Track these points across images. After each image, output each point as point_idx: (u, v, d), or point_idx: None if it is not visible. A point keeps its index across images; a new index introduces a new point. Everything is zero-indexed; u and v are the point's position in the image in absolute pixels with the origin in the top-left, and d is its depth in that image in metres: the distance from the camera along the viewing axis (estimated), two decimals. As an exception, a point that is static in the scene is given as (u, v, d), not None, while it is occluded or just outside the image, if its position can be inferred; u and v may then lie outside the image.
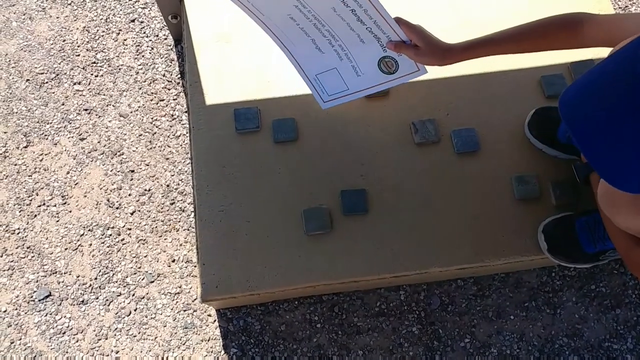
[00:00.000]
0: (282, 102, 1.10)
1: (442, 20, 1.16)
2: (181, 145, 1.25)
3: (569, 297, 1.12)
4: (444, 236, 1.00)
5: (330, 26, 0.86)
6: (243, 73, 1.12)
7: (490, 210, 1.02)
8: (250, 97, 1.10)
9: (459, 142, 1.06)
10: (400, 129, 1.08)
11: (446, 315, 1.10)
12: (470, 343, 1.09)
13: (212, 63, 1.13)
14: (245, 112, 1.08)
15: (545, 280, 1.13)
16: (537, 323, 1.10)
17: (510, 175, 1.04)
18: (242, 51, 1.14)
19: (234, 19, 1.17)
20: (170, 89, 1.30)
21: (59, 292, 1.14)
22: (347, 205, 1.01)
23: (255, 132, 1.07)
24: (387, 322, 1.10)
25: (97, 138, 1.26)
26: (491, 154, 1.06)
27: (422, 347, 1.08)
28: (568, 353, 1.08)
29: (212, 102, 1.10)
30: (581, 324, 1.10)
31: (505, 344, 1.09)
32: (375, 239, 1.00)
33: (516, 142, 1.07)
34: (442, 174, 1.05)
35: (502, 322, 1.10)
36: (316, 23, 0.86)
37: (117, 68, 1.33)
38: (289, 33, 0.91)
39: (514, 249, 1.00)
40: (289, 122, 1.07)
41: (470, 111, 1.10)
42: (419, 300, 1.11)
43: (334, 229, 1.00)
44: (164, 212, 1.19)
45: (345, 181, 1.04)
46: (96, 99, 1.30)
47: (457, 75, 1.12)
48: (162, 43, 1.34)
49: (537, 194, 1.02)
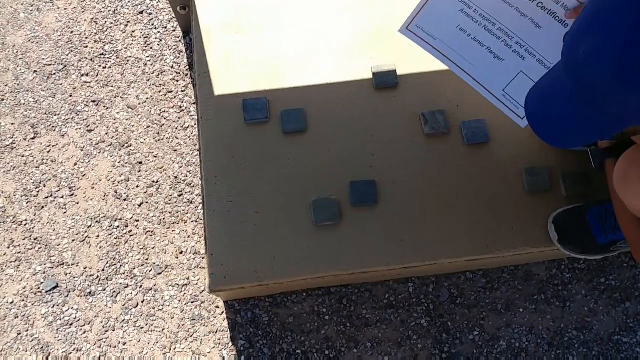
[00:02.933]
0: (291, 92, 1.10)
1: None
2: (189, 137, 1.24)
3: (578, 290, 1.11)
4: (453, 227, 1.00)
5: (501, 21, 0.82)
6: (252, 63, 1.12)
7: (501, 202, 1.02)
8: (259, 87, 1.10)
9: (469, 134, 1.05)
10: (410, 120, 1.07)
11: (455, 307, 1.10)
12: (479, 336, 1.08)
13: (221, 53, 1.13)
14: (254, 103, 1.08)
15: (554, 273, 1.12)
16: (547, 316, 1.09)
17: (521, 167, 1.03)
18: (251, 41, 1.14)
19: (243, 9, 1.17)
20: (179, 80, 1.29)
21: (66, 284, 1.14)
22: (356, 196, 1.01)
23: (264, 123, 1.07)
24: (396, 315, 1.09)
25: (105, 130, 1.26)
26: (501, 145, 1.05)
27: (431, 340, 1.08)
28: (577, 346, 1.08)
29: (221, 92, 1.10)
30: (591, 317, 1.10)
31: (515, 337, 1.08)
32: (384, 229, 1.00)
33: (526, 133, 1.06)
34: (451, 166, 1.04)
35: (512, 314, 1.09)
36: (486, 24, 0.83)
37: (125, 60, 1.32)
38: (464, 51, 0.88)
39: (524, 240, 0.99)
40: (298, 112, 1.07)
41: (480, 102, 1.08)
42: (427, 293, 1.10)
43: (343, 220, 1.00)
44: (172, 204, 1.19)
45: (355, 172, 1.03)
46: (104, 91, 1.30)
47: (466, 66, 1.11)
48: (170, 35, 1.34)
49: (547, 186, 1.01)
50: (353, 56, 1.13)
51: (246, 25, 1.15)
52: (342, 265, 0.98)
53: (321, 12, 1.17)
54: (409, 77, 1.11)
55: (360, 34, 1.15)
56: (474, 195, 1.02)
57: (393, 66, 1.10)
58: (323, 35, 1.15)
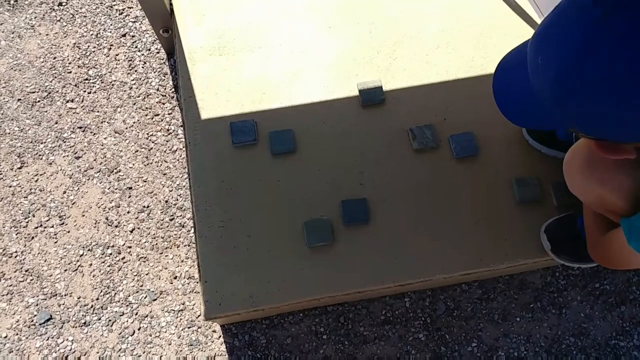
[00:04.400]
0: (279, 113, 1.09)
1: (442, 22, 1.17)
2: (178, 160, 1.24)
3: (573, 296, 1.12)
4: (447, 242, 1.00)
5: None
6: (238, 86, 1.12)
7: (493, 214, 1.02)
8: (246, 109, 1.10)
9: (458, 147, 1.05)
10: (398, 136, 1.07)
11: (452, 320, 1.10)
12: (477, 347, 1.08)
13: (206, 77, 1.12)
14: (242, 125, 1.07)
15: (549, 280, 1.12)
16: (544, 324, 1.10)
17: (511, 178, 1.03)
18: (235, 63, 1.13)
19: (226, 31, 1.16)
20: (165, 103, 1.29)
21: (60, 315, 1.13)
22: (348, 215, 1.01)
23: (252, 145, 1.06)
24: (394, 330, 1.09)
25: (93, 156, 1.25)
26: (490, 157, 1.06)
27: (430, 354, 1.08)
28: (575, 352, 1.08)
29: (208, 116, 1.09)
30: (587, 322, 1.10)
31: (513, 347, 1.08)
32: (377, 247, 0.99)
33: (514, 144, 1.07)
34: (442, 180, 1.04)
35: (509, 324, 1.10)
36: None
37: (110, 84, 1.31)
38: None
39: (517, 251, 1.00)
40: (287, 133, 1.07)
41: (467, 115, 1.09)
42: (424, 307, 1.11)
43: (336, 240, 1.00)
44: (164, 229, 1.18)
45: (345, 191, 1.03)
46: (90, 116, 1.29)
47: (452, 79, 1.11)
48: (154, 57, 1.33)
49: (538, 196, 1.02)
50: (338, 75, 1.12)
51: (230, 48, 1.15)
52: (337, 287, 0.97)
53: (305, 32, 1.17)
54: (395, 93, 1.10)
55: (344, 52, 1.15)
56: (465, 208, 1.02)
57: (378, 82, 1.10)
58: (308, 55, 1.14)
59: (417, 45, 1.15)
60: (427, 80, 1.12)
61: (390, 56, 1.14)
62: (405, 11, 1.18)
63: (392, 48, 1.15)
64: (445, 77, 1.12)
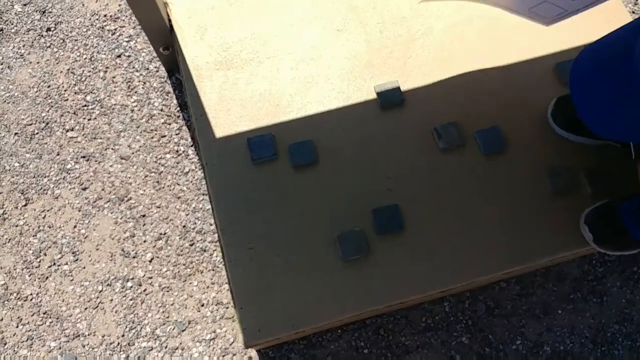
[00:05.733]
0: (296, 124, 1.05)
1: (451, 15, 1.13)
2: (191, 182, 1.19)
3: (612, 282, 1.09)
4: (484, 241, 0.97)
5: None
6: (250, 99, 1.07)
7: (527, 208, 0.99)
8: (261, 123, 1.05)
9: (485, 143, 1.02)
10: (422, 137, 1.04)
11: (493, 319, 1.07)
12: (522, 344, 1.06)
13: (216, 93, 1.07)
14: (259, 140, 1.03)
15: (586, 269, 1.10)
16: (586, 314, 1.08)
17: (542, 170, 1.01)
18: (245, 77, 1.09)
19: (231, 44, 1.11)
20: (171, 123, 1.23)
21: (86, 356, 1.07)
22: (381, 223, 0.97)
23: (272, 160, 1.02)
24: (436, 337, 1.06)
25: (101, 185, 1.19)
26: (518, 150, 1.03)
27: (475, 356, 1.05)
28: (621, 339, 1.06)
29: (222, 134, 1.04)
30: (629, 308, 1.08)
31: (557, 340, 1.06)
32: (414, 254, 0.96)
33: (541, 135, 1.04)
34: (472, 178, 1.01)
35: (550, 318, 1.07)
36: None
37: (110, 108, 1.26)
38: None
39: (557, 244, 0.97)
40: (307, 144, 1.02)
41: (490, 108, 1.06)
42: (464, 310, 1.07)
43: (371, 251, 0.96)
44: (185, 255, 1.13)
45: (374, 198, 0.99)
46: (93, 144, 1.23)
47: (471, 70, 1.08)
48: (154, 76, 1.28)
49: (571, 185, 0.99)
50: (353, 79, 1.09)
51: (237, 61, 1.10)
52: (378, 300, 0.94)
53: (312, 38, 1.13)
54: (414, 92, 1.07)
55: (356, 55, 1.11)
56: (499, 205, 0.99)
57: (396, 83, 1.06)
58: (318, 62, 1.10)
59: (430, 42, 1.12)
60: (444, 75, 1.09)
61: (404, 55, 1.10)
62: (414, 8, 1.15)
63: (405, 46, 1.11)
64: (462, 70, 1.09)
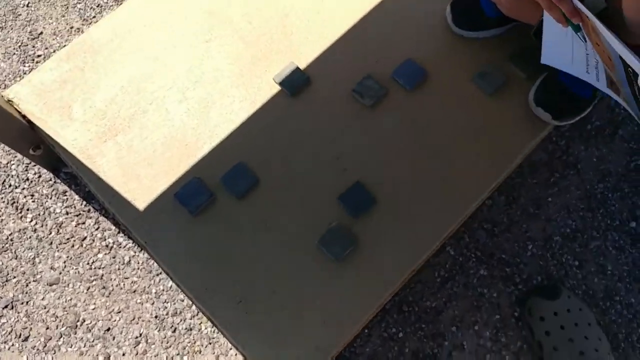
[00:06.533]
0: (216, 154, 0.94)
1: None
2: (139, 269, 1.04)
3: (577, 148, 1.09)
4: (458, 173, 0.92)
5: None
6: (155, 154, 0.94)
7: (478, 119, 0.95)
8: (180, 171, 0.93)
9: (406, 80, 0.96)
10: (346, 103, 0.96)
11: (498, 239, 1.03)
12: (534, 247, 1.03)
13: (116, 166, 0.94)
14: (187, 190, 0.91)
15: (550, 149, 1.09)
16: (571, 188, 1.07)
17: (470, 78, 0.97)
18: (137, 134, 0.96)
19: (106, 108, 0.97)
20: (84, 221, 1.07)
21: None
22: (353, 207, 0.89)
23: (212, 203, 0.91)
24: (456, 284, 1.00)
25: (43, 325, 1.02)
26: (439, 70, 0.98)
27: (499, 281, 1.01)
28: (611, 195, 1.06)
29: (145, 203, 0.91)
30: (602, 163, 1.09)
31: (561, 226, 1.04)
32: (402, 220, 0.89)
33: (453, 45, 1.00)
34: (414, 120, 0.95)
35: (545, 209, 1.05)
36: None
37: (8, 240, 1.07)
38: None
39: (523, 138, 0.94)
40: (239, 168, 0.92)
41: (392, 45, 1.01)
42: (467, 245, 1.03)
43: (358, 237, 0.88)
44: (174, 345, 0.99)
45: (335, 185, 0.91)
46: (9, 288, 1.04)
47: (355, 20, 1.02)
48: (39, 183, 1.10)
49: (504, 78, 0.96)
50: (248, 81, 0.99)
51: (120, 122, 0.97)
52: (392, 279, 0.86)
53: (186, 60, 1.01)
54: (314, 65, 0.99)
55: (239, 56, 1.01)
56: (451, 130, 0.95)
57: (293, 65, 0.98)
58: (205, 81, 0.99)
59: (303, 11, 1.04)
60: (334, 37, 1.02)
61: (285, 34, 1.02)
62: (268, -15, 1.06)
63: (281, 26, 1.03)
64: (347, 23, 1.02)
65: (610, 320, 0.98)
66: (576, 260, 1.02)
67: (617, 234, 1.04)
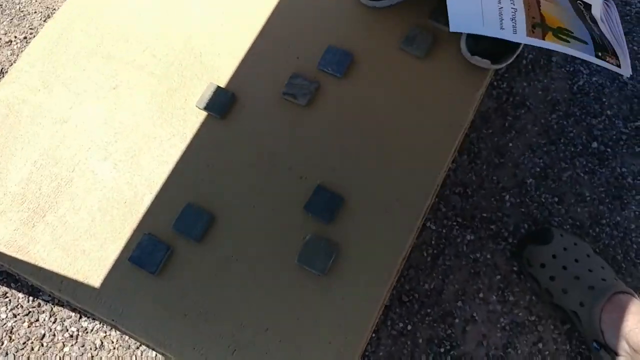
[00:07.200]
0: (161, 203, 0.85)
1: None
2: (114, 348, 0.94)
3: (521, 87, 1.07)
4: (416, 147, 0.87)
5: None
6: (93, 223, 0.84)
7: (420, 88, 0.91)
8: (127, 233, 0.84)
9: (335, 68, 0.91)
10: (281, 108, 0.90)
11: (473, 199, 1.00)
12: (509, 195, 1.00)
13: (54, 247, 0.83)
14: (141, 250, 0.82)
15: (495, 94, 1.07)
16: (527, 126, 1.04)
17: (398, 45, 0.93)
18: (67, 207, 0.85)
19: (22, 189, 0.87)
20: (37, 318, 0.96)
21: None
22: (324, 213, 0.82)
23: (171, 256, 0.82)
24: (448, 259, 0.96)
25: None
26: (363, 48, 0.93)
27: (489, 241, 0.97)
28: (566, 123, 1.05)
29: (100, 279, 0.81)
30: (548, 94, 1.07)
31: (530, 166, 1.02)
32: (377, 214, 0.83)
33: (367, 19, 0.96)
34: (355, 105, 0.90)
35: (509, 154, 1.02)
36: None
37: (-42, 367, 0.95)
38: None
39: (468, 93, 0.90)
40: (189, 212, 0.83)
41: (307, 37, 0.95)
42: (446, 214, 0.98)
43: (337, 244, 0.82)
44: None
45: (298, 196, 0.84)
46: (-24, 417, 0.92)
47: (262, 22, 0.96)
48: (-26, 294, 0.98)
49: (431, 38, 0.93)
50: (171, 116, 0.90)
51: (44, 199, 0.86)
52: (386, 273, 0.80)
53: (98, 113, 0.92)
54: (235, 81, 0.92)
55: (153, 92, 0.92)
56: (397, 106, 0.90)
57: (212, 86, 0.90)
58: (126, 129, 0.90)
59: (206, 28, 0.97)
60: (246, 44, 0.95)
61: (193, 57, 0.94)
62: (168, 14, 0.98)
63: (186, 50, 0.95)
64: (258, 25, 0.96)
65: (605, 245, 0.96)
66: (554, 196, 0.99)
67: (584, 158, 1.02)
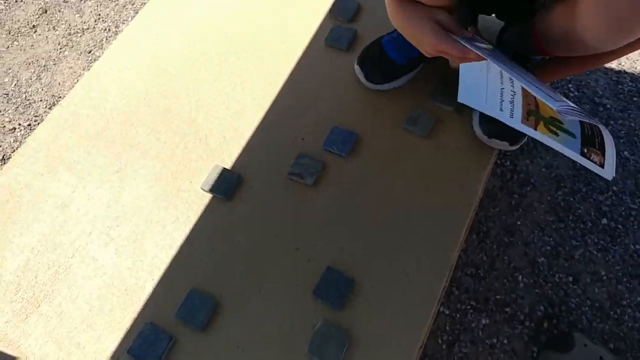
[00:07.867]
0: (163, 291, 0.81)
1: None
2: None
3: (524, 164, 1.08)
4: (426, 228, 0.85)
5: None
6: (92, 312, 0.80)
7: (426, 168, 0.90)
8: (127, 323, 0.79)
9: (340, 147, 0.91)
10: (288, 188, 0.88)
11: (486, 281, 0.96)
12: (523, 276, 0.97)
13: (48, 341, 0.78)
14: (143, 341, 0.77)
15: (499, 172, 1.06)
16: (534, 204, 1.03)
17: (402, 126, 0.93)
18: (66, 296, 0.81)
19: (18, 278, 0.83)
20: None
21: None
22: (335, 297, 0.79)
23: (175, 344, 0.77)
24: (463, 344, 0.91)
25: None
26: (368, 129, 0.94)
27: (505, 325, 0.92)
28: (573, 199, 1.04)
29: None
30: (553, 170, 1.07)
31: (539, 244, 0.99)
32: (388, 296, 0.80)
33: (371, 100, 0.97)
34: (361, 185, 0.89)
35: (519, 233, 1.00)
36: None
37: None
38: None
39: (475, 171, 0.90)
40: (194, 297, 0.80)
41: (315, 117, 0.96)
42: (458, 297, 0.95)
43: (351, 332, 0.77)
44: None
45: (306, 280, 0.81)
46: None
47: (269, 99, 0.97)
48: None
49: (434, 117, 0.94)
50: (175, 200, 0.89)
51: (40, 288, 0.82)
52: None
53: (101, 197, 0.90)
54: (240, 162, 0.92)
55: (158, 177, 0.91)
56: (405, 186, 0.89)
57: (218, 167, 0.89)
58: (128, 214, 0.88)
59: (211, 111, 0.98)
60: (251, 125, 0.96)
61: (199, 140, 0.94)
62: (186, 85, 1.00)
63: (193, 131, 0.95)
64: (264, 106, 0.97)
65: (629, 328, 0.92)
66: (569, 275, 0.96)
67: (594, 235, 1.00)
